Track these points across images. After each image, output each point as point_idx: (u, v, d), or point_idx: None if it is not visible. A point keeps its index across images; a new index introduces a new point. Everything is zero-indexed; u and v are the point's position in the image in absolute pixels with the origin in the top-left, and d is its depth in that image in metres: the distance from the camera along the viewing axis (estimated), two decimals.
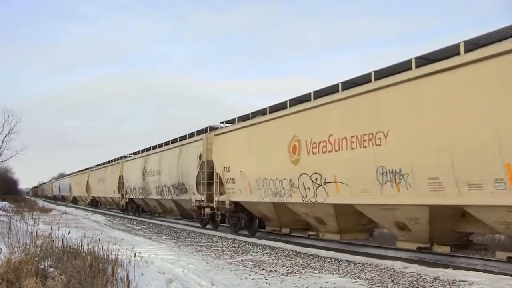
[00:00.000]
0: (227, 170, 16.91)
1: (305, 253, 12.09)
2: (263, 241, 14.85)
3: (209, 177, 18.64)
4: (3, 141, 43.22)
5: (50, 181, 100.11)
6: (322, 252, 12.10)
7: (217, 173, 17.69)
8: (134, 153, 32.49)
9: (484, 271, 9.04)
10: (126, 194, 32.39)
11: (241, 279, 8.58)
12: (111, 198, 38.10)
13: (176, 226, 22.12)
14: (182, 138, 23.16)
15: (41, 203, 49.78)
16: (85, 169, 51.61)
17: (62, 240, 8.98)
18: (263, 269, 9.68)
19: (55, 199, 77.86)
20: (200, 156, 19.24)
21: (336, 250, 12.21)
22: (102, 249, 8.52)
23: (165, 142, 25.78)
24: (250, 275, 8.99)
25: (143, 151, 29.91)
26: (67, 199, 66.38)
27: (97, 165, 45.29)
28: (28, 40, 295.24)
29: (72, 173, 63.55)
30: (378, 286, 7.88)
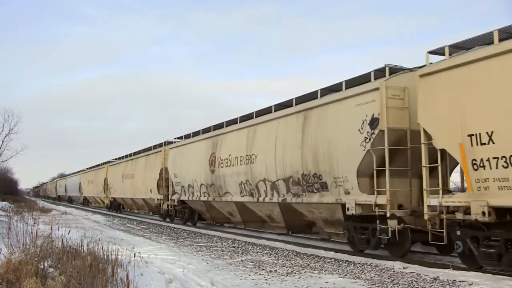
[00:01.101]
0: None
1: (305, 254, 12.08)
2: (263, 241, 14.84)
3: (393, 160, 10.57)
4: (3, 141, 43.34)
5: (54, 179, 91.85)
6: (322, 253, 12.10)
7: (443, 151, 9.40)
8: (184, 137, 23.33)
9: (484, 271, 9.02)
10: (173, 194, 23.37)
11: (241, 279, 8.58)
12: (143, 199, 29.09)
13: (176, 227, 22.08)
14: (303, 98, 13.99)
15: (41, 203, 49.61)
16: (101, 164, 42.29)
17: (62, 240, 8.99)
18: (263, 269, 9.67)
19: (60, 200, 71.35)
20: (373, 122, 10.76)
21: (336, 251, 12.20)
22: (102, 249, 8.53)
23: (257, 111, 16.57)
24: (250, 275, 8.98)
25: (206, 130, 20.19)
26: (75, 201, 58.77)
27: (120, 158, 36.70)
28: (28, 40, 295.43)
29: (82, 170, 53.41)
30: (378, 286, 7.87)
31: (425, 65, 9.93)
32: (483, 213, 8.37)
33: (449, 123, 8.99)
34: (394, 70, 11.24)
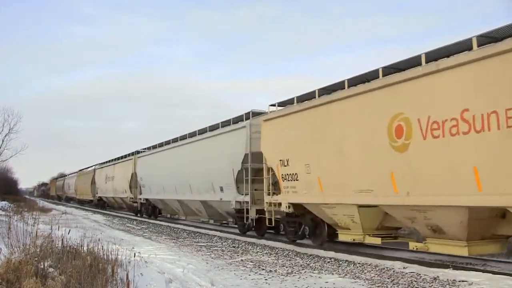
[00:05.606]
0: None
1: (305, 253, 12.09)
2: (263, 241, 14.86)
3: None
4: (3, 141, 43.11)
5: (86, 168, 50.05)
6: (321, 252, 12.10)
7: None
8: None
9: (484, 271, 9.03)
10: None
11: (240, 279, 8.58)
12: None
13: (176, 226, 22.10)
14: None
15: (41, 203, 49.13)
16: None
17: (62, 240, 8.98)
18: (263, 269, 9.68)
19: (103, 206, 41.60)
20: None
21: (336, 251, 12.21)
22: (102, 249, 8.52)
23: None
24: (250, 275, 8.99)
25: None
26: (172, 212, 25.79)
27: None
28: (28, 40, 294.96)
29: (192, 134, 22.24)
30: (378, 286, 7.88)
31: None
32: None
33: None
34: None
